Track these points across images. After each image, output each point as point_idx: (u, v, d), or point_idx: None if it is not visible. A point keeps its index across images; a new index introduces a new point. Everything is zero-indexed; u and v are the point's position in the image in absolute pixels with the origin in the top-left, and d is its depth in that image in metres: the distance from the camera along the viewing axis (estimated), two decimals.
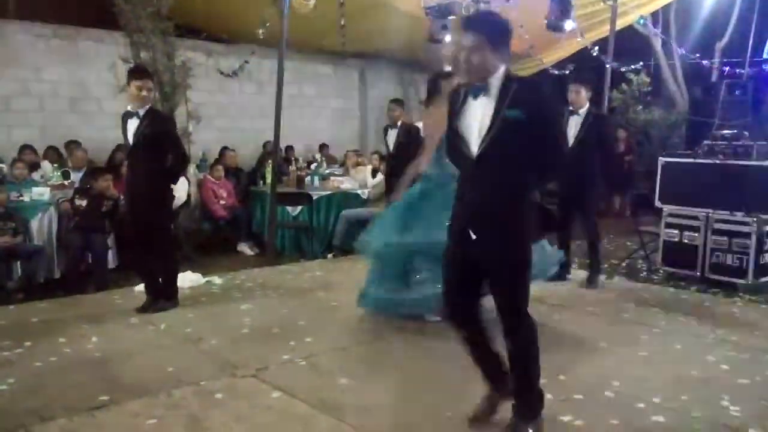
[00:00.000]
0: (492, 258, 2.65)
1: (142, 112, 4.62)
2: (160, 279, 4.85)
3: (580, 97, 5.48)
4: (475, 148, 2.61)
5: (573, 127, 5.42)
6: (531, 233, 2.71)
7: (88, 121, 8.62)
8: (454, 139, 2.74)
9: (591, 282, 5.58)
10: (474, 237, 2.64)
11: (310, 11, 6.96)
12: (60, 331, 4.27)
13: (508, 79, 2.59)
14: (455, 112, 2.69)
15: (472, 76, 2.62)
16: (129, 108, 4.68)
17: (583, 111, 5.46)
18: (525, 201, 2.68)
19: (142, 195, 4.65)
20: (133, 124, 4.62)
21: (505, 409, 2.86)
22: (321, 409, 3.10)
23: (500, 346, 2.82)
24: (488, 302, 2.79)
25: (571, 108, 5.49)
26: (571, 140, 5.30)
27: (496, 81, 2.59)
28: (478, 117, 2.60)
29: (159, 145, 4.67)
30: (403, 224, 4.29)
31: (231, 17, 8.49)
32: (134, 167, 4.73)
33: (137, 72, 4.77)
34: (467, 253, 2.69)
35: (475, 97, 2.61)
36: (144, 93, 4.60)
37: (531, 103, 2.55)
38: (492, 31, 2.61)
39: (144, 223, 4.68)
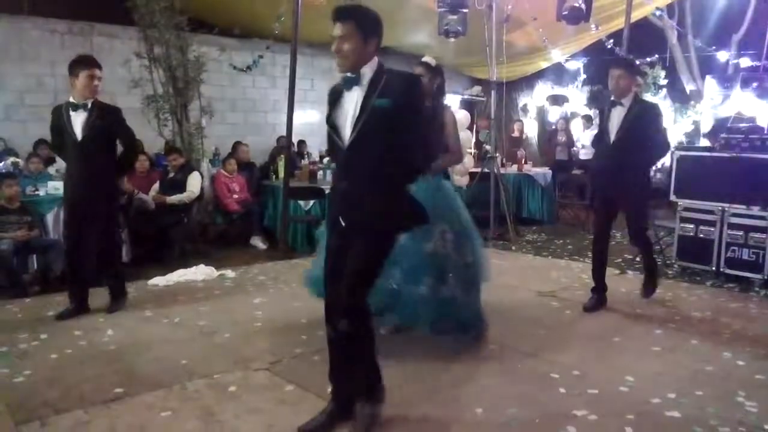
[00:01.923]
0: (354, 242, 2.64)
1: (89, 104, 4.40)
2: (109, 277, 4.72)
3: (622, 83, 4.56)
4: (346, 137, 2.67)
5: (615, 119, 4.59)
6: (397, 224, 2.73)
7: None
8: (330, 131, 2.78)
9: (647, 290, 4.98)
10: (343, 224, 2.69)
11: (322, 5, 6.96)
12: (75, 324, 4.32)
13: (380, 70, 2.66)
14: (332, 104, 2.76)
15: (346, 66, 2.66)
16: (72, 99, 4.42)
17: (627, 101, 4.56)
18: (393, 191, 2.69)
19: (92, 191, 4.41)
20: (79, 117, 4.38)
21: None
22: None
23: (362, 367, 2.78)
24: None
25: (612, 98, 4.65)
26: (612, 135, 4.58)
27: (368, 71, 2.65)
28: (350, 108, 2.66)
29: (111, 137, 4.52)
30: None
31: (244, 12, 8.50)
32: (81, 163, 4.43)
33: (88, 61, 4.45)
34: (340, 241, 2.73)
35: (349, 88, 2.68)
36: (96, 83, 4.39)
37: (399, 94, 2.60)
38: (362, 21, 2.65)
39: (90, 221, 4.48)
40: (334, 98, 2.76)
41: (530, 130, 13.58)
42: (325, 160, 8.99)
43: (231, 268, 6.00)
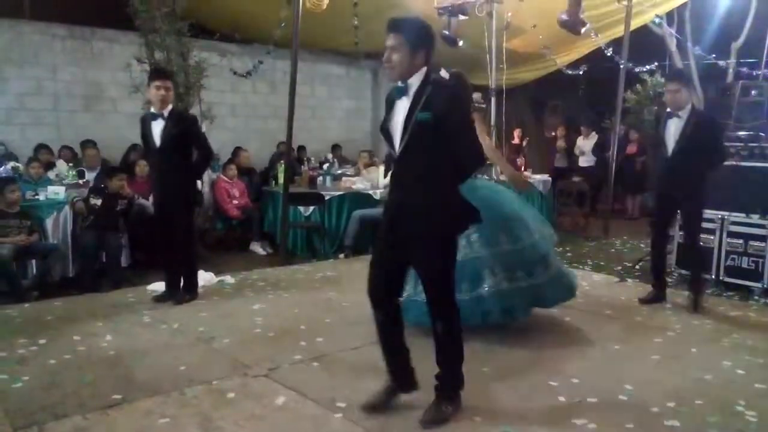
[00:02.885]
0: (416, 251, 2.84)
1: (165, 113, 4.73)
2: (182, 273, 5.02)
3: (680, 97, 4.74)
4: (397, 147, 2.83)
5: (673, 131, 4.76)
6: (453, 227, 2.87)
7: (103, 121, 8.70)
8: (385, 138, 2.94)
9: (695, 306, 4.90)
10: (399, 229, 2.85)
11: (323, 12, 6.98)
12: (74, 329, 4.31)
13: (426, 81, 2.77)
14: (387, 112, 2.91)
15: (395, 76, 2.81)
16: (152, 110, 4.79)
17: (684, 113, 4.73)
18: (445, 196, 2.81)
19: (174, 194, 4.82)
20: (158, 126, 4.73)
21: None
22: (332, 410, 3.10)
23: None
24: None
25: (669, 110, 4.83)
26: (670, 147, 4.77)
27: (415, 82, 2.78)
28: (399, 118, 2.81)
29: (186, 145, 4.83)
30: None
31: (245, 18, 8.53)
32: (162, 168, 4.85)
33: (156, 73, 4.91)
34: (393, 243, 2.89)
35: (399, 97, 2.83)
36: (162, 93, 4.71)
37: (441, 106, 2.71)
38: (411, 33, 2.76)
39: (173, 221, 4.85)
40: (389, 106, 2.90)
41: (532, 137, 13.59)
42: (325, 166, 9.01)
43: (230, 273, 5.99)
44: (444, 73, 4.15)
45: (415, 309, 3.77)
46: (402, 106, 2.80)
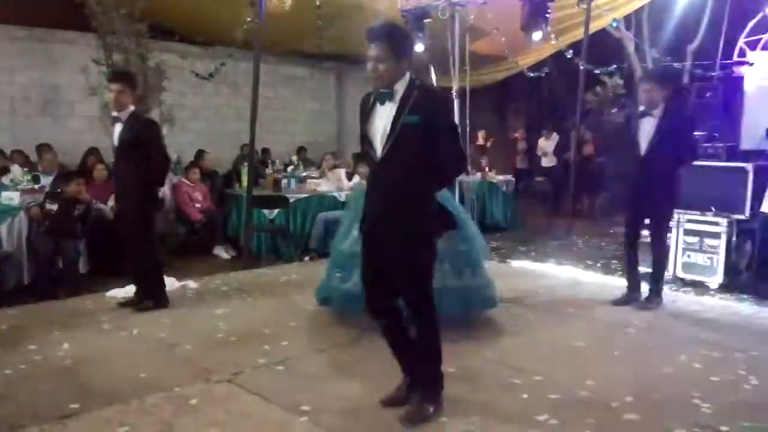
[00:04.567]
0: (395, 255, 2.85)
1: (124, 116, 4.67)
2: (147, 284, 4.93)
3: (654, 96, 4.74)
4: (379, 151, 2.82)
5: (646, 130, 4.76)
6: (431, 229, 2.89)
7: (60, 124, 8.51)
8: (363, 143, 2.93)
9: (650, 301, 4.99)
10: (378, 230, 2.87)
11: (286, 13, 6.94)
12: (30, 338, 4.18)
13: (411, 86, 2.80)
14: (365, 117, 2.89)
15: (379, 84, 2.81)
16: (114, 113, 4.75)
17: (657, 112, 4.74)
18: (425, 201, 2.87)
19: (127, 198, 4.77)
20: (117, 129, 4.71)
21: None
22: (297, 414, 3.07)
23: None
24: None
25: (642, 108, 4.83)
26: (643, 146, 4.76)
27: (400, 88, 2.80)
28: (382, 122, 2.81)
29: (140, 149, 4.68)
30: None
31: (206, 19, 8.42)
32: (118, 170, 4.86)
33: (111, 75, 4.87)
34: (376, 249, 2.91)
35: (382, 102, 2.82)
36: (114, 96, 4.62)
37: (428, 110, 2.75)
38: (395, 42, 2.79)
39: (129, 224, 4.80)
40: (366, 111, 2.89)
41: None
42: (290, 168, 8.96)
43: (193, 278, 5.90)
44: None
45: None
46: (386, 111, 2.80)
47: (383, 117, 2.81)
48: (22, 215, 5.62)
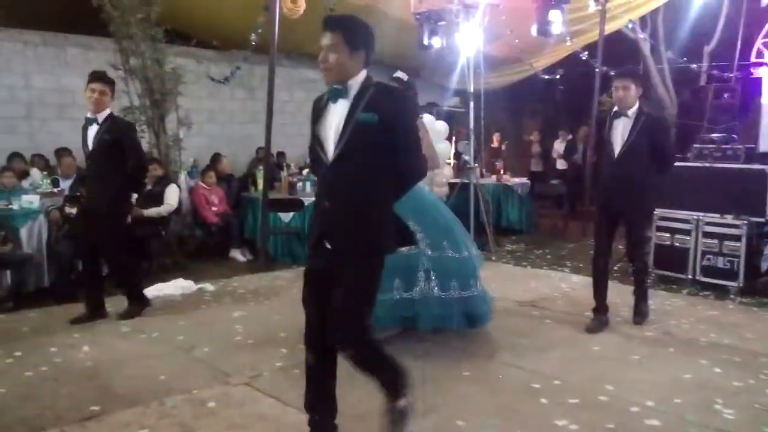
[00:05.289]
0: (342, 266, 2.52)
1: (101, 118, 4.59)
2: (123, 286, 4.88)
3: (629, 95, 4.38)
4: (330, 152, 2.55)
5: (620, 131, 4.44)
6: (385, 244, 2.62)
7: (77, 129, 8.50)
8: (313, 144, 2.66)
9: (639, 314, 4.70)
10: (329, 247, 2.55)
11: (300, 17, 6.97)
12: (51, 341, 4.23)
13: (367, 83, 2.54)
14: (317, 116, 2.64)
15: (331, 77, 2.55)
16: (88, 114, 4.65)
17: (632, 112, 4.40)
18: (380, 209, 2.59)
19: (100, 202, 4.60)
20: (92, 130, 4.61)
21: None
22: None
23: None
24: None
25: (616, 109, 4.49)
26: (617, 147, 4.44)
27: (355, 84, 2.53)
28: (334, 121, 2.54)
29: (117, 152, 4.61)
30: None
31: (221, 24, 8.48)
32: (91, 174, 4.72)
33: (90, 76, 4.68)
34: (323, 265, 2.59)
35: (335, 100, 2.56)
36: (96, 96, 4.54)
37: (386, 108, 2.48)
38: (350, 32, 2.53)
39: (98, 231, 4.62)
40: (319, 110, 2.63)
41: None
42: (305, 171, 8.97)
43: (210, 281, 5.94)
44: (401, 74, 4.16)
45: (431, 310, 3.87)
46: (338, 110, 2.53)
47: (335, 116, 2.54)
48: (42, 218, 5.69)
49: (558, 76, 11.20)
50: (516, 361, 3.86)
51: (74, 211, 5.59)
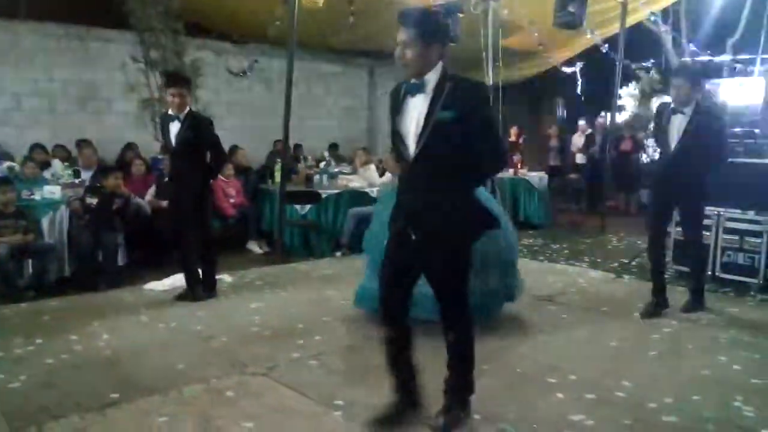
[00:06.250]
0: (432, 257, 2.68)
1: (182, 115, 4.88)
2: (201, 271, 5.13)
3: (684, 93, 4.56)
4: (412, 148, 2.64)
5: (676, 127, 4.59)
6: (471, 232, 2.73)
7: (98, 121, 8.67)
8: (394, 139, 2.74)
9: (693, 306, 4.83)
10: (414, 237, 2.67)
11: (319, 10, 6.97)
12: (71, 329, 4.30)
13: (444, 77, 2.61)
14: (396, 110, 2.71)
15: (409, 72, 2.63)
16: (170, 111, 4.96)
17: (688, 109, 4.56)
18: (463, 201, 2.68)
19: (187, 195, 4.92)
20: (174, 127, 4.90)
21: None
22: (331, 407, 3.10)
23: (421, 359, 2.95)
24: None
25: (672, 106, 4.67)
26: (673, 143, 4.60)
27: (432, 78, 2.61)
28: (414, 117, 2.63)
29: (199, 146, 4.95)
30: None
31: (240, 16, 8.50)
32: (177, 167, 5.04)
33: (168, 80, 5.09)
34: (407, 253, 2.72)
35: (413, 94, 2.63)
36: (177, 100, 4.85)
37: (465, 104, 2.57)
38: (424, 27, 2.60)
39: (187, 221, 4.96)
40: (397, 102, 2.70)
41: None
42: (322, 164, 9.01)
43: (228, 272, 5.97)
44: None
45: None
46: (417, 104, 2.61)
47: (415, 111, 2.62)
48: (63, 209, 5.77)
49: (577, 69, 11.09)
50: (533, 356, 3.85)
51: (94, 201, 5.67)
